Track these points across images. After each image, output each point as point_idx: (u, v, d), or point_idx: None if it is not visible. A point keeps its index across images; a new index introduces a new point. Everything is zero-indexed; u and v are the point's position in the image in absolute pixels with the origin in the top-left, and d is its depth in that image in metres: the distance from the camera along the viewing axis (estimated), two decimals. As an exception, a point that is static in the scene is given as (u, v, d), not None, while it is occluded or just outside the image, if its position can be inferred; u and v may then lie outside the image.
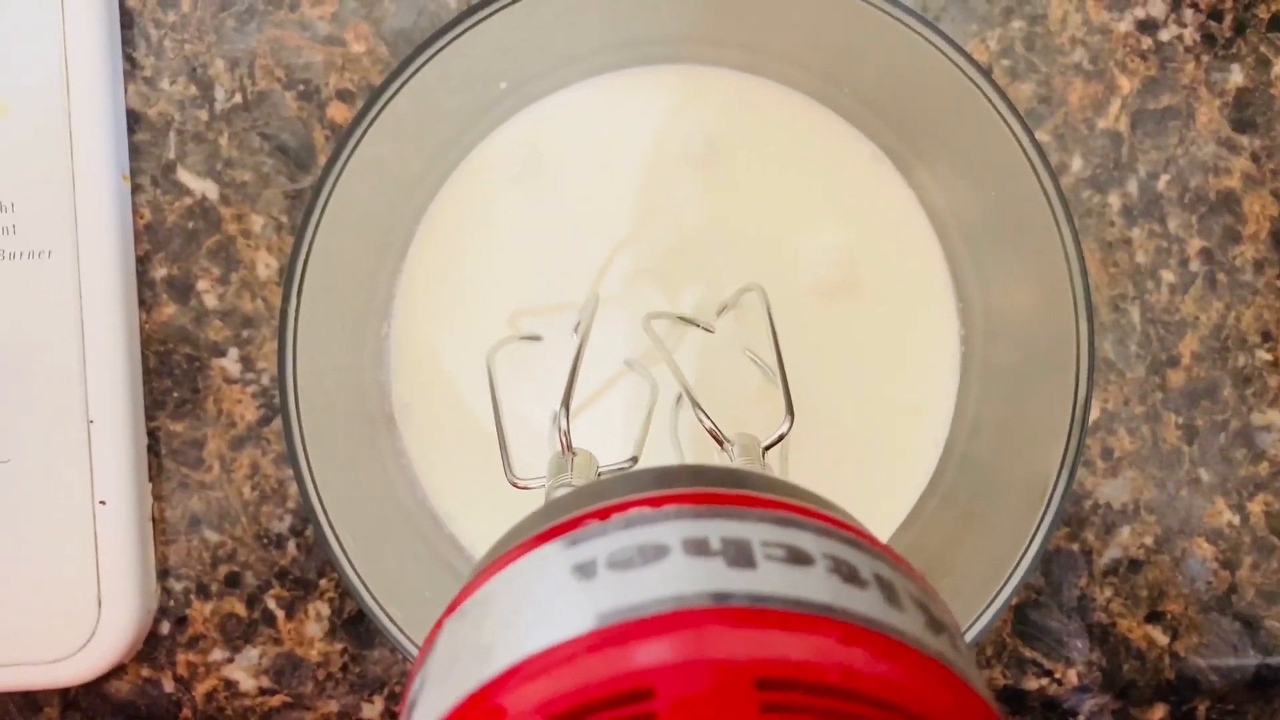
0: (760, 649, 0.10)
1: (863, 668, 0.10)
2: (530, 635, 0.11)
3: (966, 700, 0.10)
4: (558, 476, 0.19)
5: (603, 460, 0.21)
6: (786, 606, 0.10)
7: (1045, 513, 0.18)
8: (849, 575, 0.11)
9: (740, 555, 0.11)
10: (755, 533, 0.11)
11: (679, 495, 0.12)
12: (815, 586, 0.11)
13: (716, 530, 0.11)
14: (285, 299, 0.18)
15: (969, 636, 0.19)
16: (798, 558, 0.11)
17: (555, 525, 0.12)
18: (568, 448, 0.18)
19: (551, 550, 0.12)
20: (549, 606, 0.11)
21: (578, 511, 0.12)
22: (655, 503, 0.12)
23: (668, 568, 0.11)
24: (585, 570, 0.11)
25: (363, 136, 0.18)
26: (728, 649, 0.10)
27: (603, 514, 0.12)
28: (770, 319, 0.19)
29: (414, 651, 0.19)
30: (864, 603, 0.11)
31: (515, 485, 0.20)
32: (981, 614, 0.19)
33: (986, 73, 0.19)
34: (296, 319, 0.18)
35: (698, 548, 0.11)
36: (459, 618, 0.12)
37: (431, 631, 0.13)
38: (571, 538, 0.12)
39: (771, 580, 0.11)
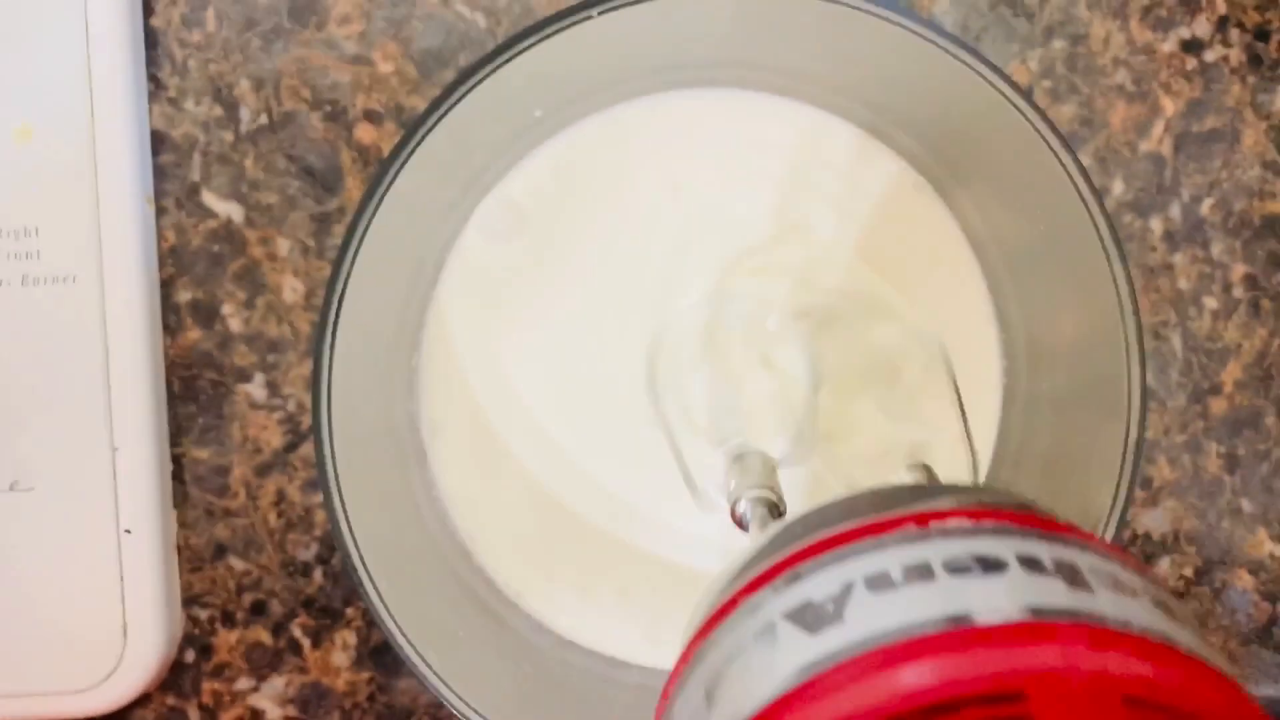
0: (1128, 667, 0.10)
1: (1210, 699, 0.11)
2: (875, 624, 0.11)
3: None
4: (743, 479, 0.19)
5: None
6: (1138, 632, 0.11)
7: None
8: (1169, 612, 0.12)
9: (1075, 578, 0.11)
10: (1078, 559, 0.12)
11: (994, 512, 0.13)
12: (1151, 617, 0.11)
13: (1044, 552, 0.12)
14: (319, 339, 0.17)
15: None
16: (1122, 588, 0.12)
17: (867, 524, 0.12)
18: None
19: (870, 547, 0.12)
20: (887, 601, 0.11)
21: (885, 514, 0.13)
22: (975, 516, 0.12)
23: (1013, 580, 0.11)
24: (921, 571, 0.11)
25: (400, 170, 0.17)
26: (1104, 664, 0.10)
27: (920, 519, 0.12)
28: (952, 375, 0.19)
29: (444, 692, 0.19)
30: (1190, 639, 0.11)
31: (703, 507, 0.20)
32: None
33: (1030, 98, 0.19)
34: (331, 358, 0.17)
35: (1032, 565, 0.12)
36: (774, 594, 0.12)
37: (730, 600, 0.13)
38: (894, 538, 0.12)
39: (1113, 606, 0.11)
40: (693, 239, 0.22)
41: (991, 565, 0.11)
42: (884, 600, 0.11)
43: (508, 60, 0.17)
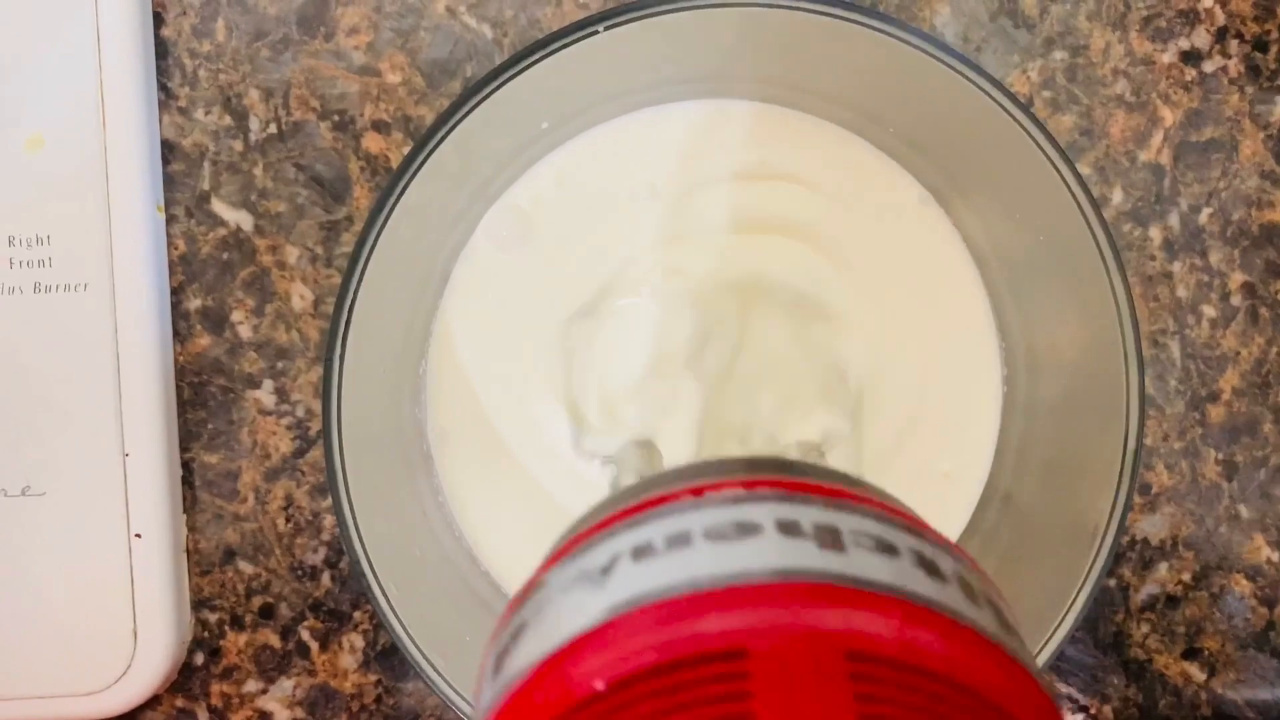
0: (853, 623, 0.11)
1: (947, 653, 0.11)
2: (626, 591, 0.11)
3: (1039, 700, 0.11)
4: (627, 465, 0.19)
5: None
6: (876, 589, 0.11)
7: (1092, 566, 0.18)
8: (932, 570, 0.12)
9: (831, 540, 0.12)
10: (844, 522, 0.12)
11: (771, 481, 0.13)
12: (902, 575, 0.11)
13: (808, 516, 0.12)
14: (329, 347, 0.18)
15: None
16: (884, 548, 0.12)
17: (651, 498, 0.13)
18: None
19: (647, 518, 0.12)
20: (644, 569, 0.12)
21: (673, 487, 0.13)
22: (749, 485, 0.13)
23: (763, 544, 0.12)
24: (680, 539, 0.12)
25: (408, 183, 0.18)
26: (822, 621, 0.11)
27: (697, 491, 0.13)
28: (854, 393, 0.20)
29: (452, 696, 0.19)
30: (946, 596, 0.11)
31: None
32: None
33: (1029, 110, 0.19)
34: (341, 366, 0.18)
35: (790, 529, 0.12)
36: (560, 570, 0.13)
37: (532, 579, 0.13)
38: (669, 509, 0.13)
39: (861, 565, 0.11)
40: (689, 249, 0.22)
41: (748, 530, 0.12)
42: (641, 569, 0.12)
43: (516, 74, 0.18)
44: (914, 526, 0.13)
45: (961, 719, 0.10)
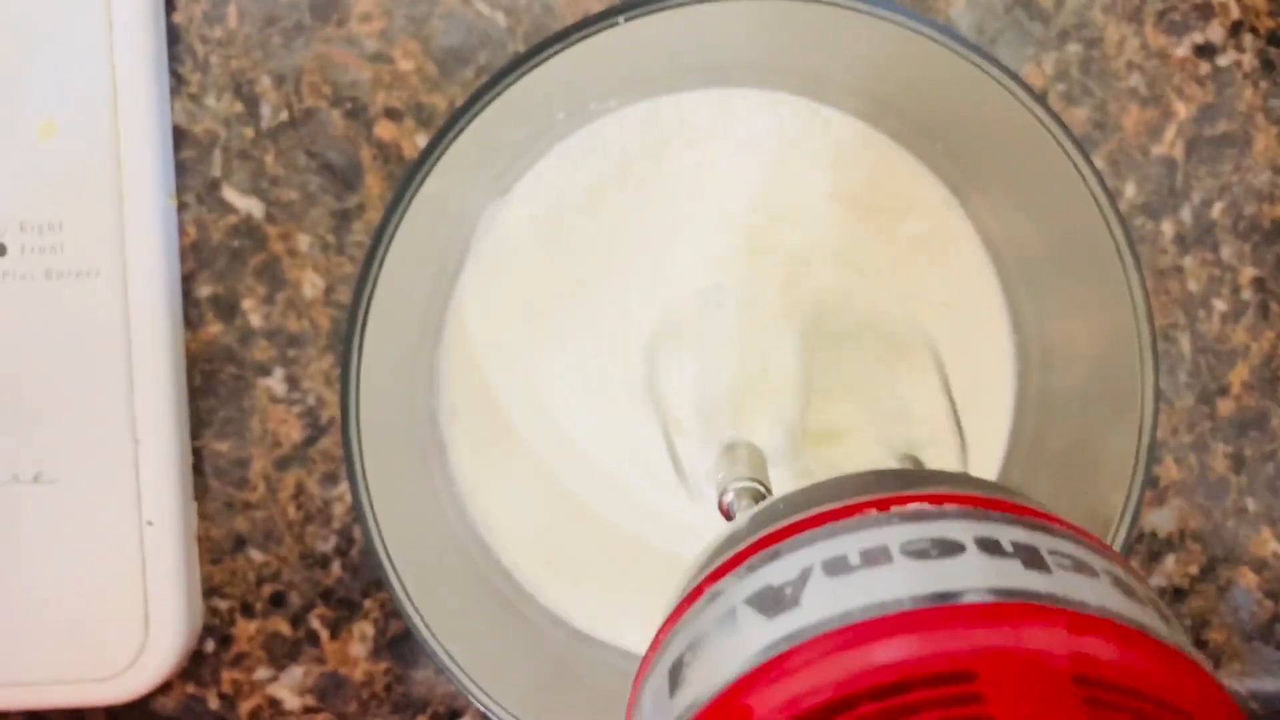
0: (1079, 647, 0.11)
1: (1163, 677, 0.11)
2: (836, 605, 0.11)
3: (1234, 714, 0.11)
4: (732, 470, 0.19)
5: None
6: (1090, 612, 0.11)
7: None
8: (1128, 592, 0.12)
9: (1033, 559, 0.12)
10: (1040, 542, 0.12)
11: (956, 497, 0.13)
12: (1106, 597, 0.11)
13: (1005, 534, 0.12)
14: (349, 336, 0.18)
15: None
16: (1083, 569, 0.12)
17: (828, 510, 0.12)
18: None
19: (834, 530, 0.12)
20: (842, 585, 0.11)
21: (849, 500, 0.13)
22: (934, 500, 0.12)
23: (969, 562, 0.11)
24: (878, 555, 0.12)
25: (427, 174, 0.17)
26: (1050, 644, 0.11)
27: (881, 505, 0.12)
28: (942, 370, 0.20)
29: (470, 687, 0.19)
30: (1149, 619, 0.11)
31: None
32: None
33: (1045, 103, 0.19)
34: (360, 354, 0.18)
35: (990, 547, 0.12)
36: (739, 580, 0.12)
37: (699, 585, 0.13)
38: (856, 522, 0.12)
39: (1068, 586, 0.11)
40: (710, 239, 0.22)
41: (949, 548, 0.11)
42: (841, 584, 0.11)
43: (538, 65, 0.17)
44: (1099, 548, 0.13)
45: None
